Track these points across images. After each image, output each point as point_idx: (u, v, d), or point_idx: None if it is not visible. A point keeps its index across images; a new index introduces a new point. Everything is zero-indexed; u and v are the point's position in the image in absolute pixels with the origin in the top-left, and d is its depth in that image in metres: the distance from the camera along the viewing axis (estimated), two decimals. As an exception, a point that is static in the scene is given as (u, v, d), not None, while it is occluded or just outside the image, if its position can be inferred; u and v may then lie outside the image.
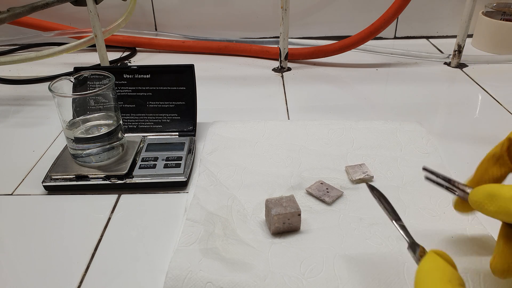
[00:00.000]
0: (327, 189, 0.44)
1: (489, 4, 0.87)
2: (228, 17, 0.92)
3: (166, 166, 0.48)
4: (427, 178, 0.35)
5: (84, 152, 0.47)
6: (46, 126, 0.61)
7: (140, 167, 0.48)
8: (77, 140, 0.47)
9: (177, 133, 0.55)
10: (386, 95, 0.70)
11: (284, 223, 0.38)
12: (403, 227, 0.33)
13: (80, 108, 0.47)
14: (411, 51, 0.82)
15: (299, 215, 0.38)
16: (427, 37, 0.95)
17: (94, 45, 0.70)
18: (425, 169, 0.35)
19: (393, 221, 0.34)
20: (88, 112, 0.48)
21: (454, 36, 0.77)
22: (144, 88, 0.55)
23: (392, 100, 0.68)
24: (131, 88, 0.55)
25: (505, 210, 0.28)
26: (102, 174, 0.47)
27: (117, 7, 0.84)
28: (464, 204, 0.33)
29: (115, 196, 0.46)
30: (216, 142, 0.52)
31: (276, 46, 0.83)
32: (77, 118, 0.48)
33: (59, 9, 0.89)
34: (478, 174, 0.33)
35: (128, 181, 0.47)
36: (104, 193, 0.47)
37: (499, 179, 0.32)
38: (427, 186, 0.40)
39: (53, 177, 0.47)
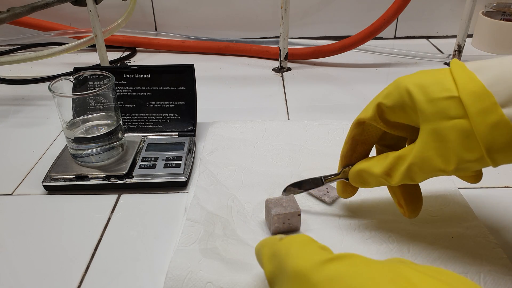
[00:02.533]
0: (327, 189, 0.44)
1: (489, 4, 0.87)
2: (228, 17, 0.92)
3: (166, 166, 0.48)
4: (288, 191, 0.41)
5: (84, 152, 0.47)
6: (46, 126, 0.61)
7: (140, 167, 0.48)
8: (77, 140, 0.47)
9: (177, 133, 0.55)
10: (386, 95, 0.70)
11: (284, 223, 0.38)
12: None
13: (80, 108, 0.47)
14: (411, 51, 0.82)
15: (299, 215, 0.38)
16: (427, 37, 0.95)
17: (94, 45, 0.70)
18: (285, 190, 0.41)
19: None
20: (88, 112, 0.48)
21: (454, 36, 0.77)
22: (144, 88, 0.55)
23: (392, 100, 0.68)
24: (131, 88, 0.55)
25: (378, 183, 0.34)
26: (102, 174, 0.47)
27: (117, 7, 0.84)
28: (347, 188, 0.39)
29: (115, 196, 0.46)
30: (216, 142, 0.52)
31: (276, 46, 0.83)
32: (77, 118, 0.48)
33: (59, 9, 0.89)
34: (346, 158, 0.37)
35: (128, 181, 0.47)
36: (104, 193, 0.47)
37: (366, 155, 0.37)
38: (427, 186, 0.40)
39: (53, 177, 0.47)
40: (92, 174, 0.47)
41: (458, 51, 0.77)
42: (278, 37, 0.78)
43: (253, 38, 0.92)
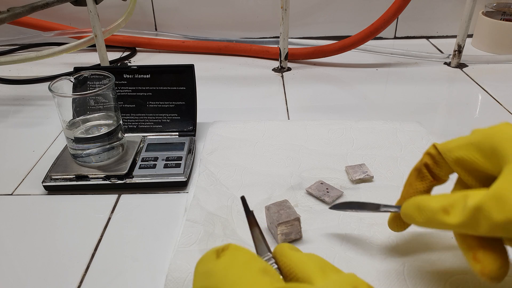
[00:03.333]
0: (327, 189, 0.44)
1: (489, 4, 0.87)
2: (228, 17, 0.92)
3: (166, 166, 0.48)
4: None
5: (84, 152, 0.47)
6: (46, 126, 0.61)
7: (140, 167, 0.48)
8: (77, 140, 0.47)
9: (177, 133, 0.55)
10: (386, 95, 0.70)
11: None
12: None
13: (80, 108, 0.47)
14: (411, 51, 0.82)
15: (277, 226, 0.37)
16: (427, 37, 0.95)
17: (94, 45, 0.70)
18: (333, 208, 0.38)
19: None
20: (88, 112, 0.48)
21: (454, 36, 0.77)
22: (144, 88, 0.55)
23: (392, 100, 0.68)
24: (131, 88, 0.55)
25: (432, 220, 0.28)
26: (102, 174, 0.47)
27: (117, 7, 0.84)
28: (397, 221, 0.35)
29: (115, 196, 0.46)
30: (216, 142, 0.52)
31: (276, 46, 0.83)
32: (77, 118, 0.48)
33: (59, 9, 0.89)
34: (404, 189, 0.34)
35: (128, 181, 0.47)
36: (104, 193, 0.47)
37: (425, 192, 0.33)
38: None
39: (53, 177, 0.47)
40: (92, 174, 0.47)
41: (458, 51, 0.77)
42: (278, 37, 0.78)
43: (253, 38, 0.92)
